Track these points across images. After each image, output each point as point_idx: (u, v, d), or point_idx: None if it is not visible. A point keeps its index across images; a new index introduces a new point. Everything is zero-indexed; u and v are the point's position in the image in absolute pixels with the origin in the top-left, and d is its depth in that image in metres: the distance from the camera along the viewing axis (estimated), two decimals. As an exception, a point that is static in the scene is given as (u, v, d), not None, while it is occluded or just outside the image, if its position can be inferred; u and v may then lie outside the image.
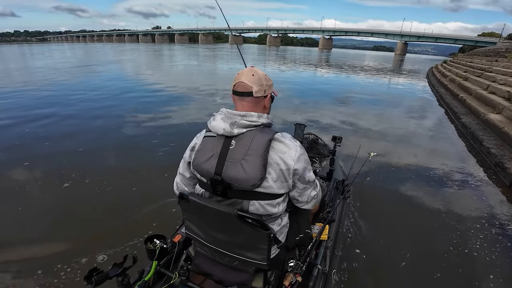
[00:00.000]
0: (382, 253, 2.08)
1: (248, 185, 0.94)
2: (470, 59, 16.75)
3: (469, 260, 2.06)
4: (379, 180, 3.22)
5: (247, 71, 1.02)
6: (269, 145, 0.95)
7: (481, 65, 11.56)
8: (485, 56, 14.28)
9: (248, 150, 0.94)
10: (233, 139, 0.97)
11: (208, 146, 1.00)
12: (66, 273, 1.79)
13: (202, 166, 1.00)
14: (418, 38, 79.10)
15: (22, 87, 8.48)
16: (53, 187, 2.86)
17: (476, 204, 2.82)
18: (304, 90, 10.05)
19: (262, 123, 0.99)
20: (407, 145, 4.58)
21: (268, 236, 0.94)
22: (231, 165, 0.95)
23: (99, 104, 6.60)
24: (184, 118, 5.54)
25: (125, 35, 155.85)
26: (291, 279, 1.08)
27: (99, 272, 0.98)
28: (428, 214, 2.61)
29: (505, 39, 50.57)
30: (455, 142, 4.84)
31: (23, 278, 1.78)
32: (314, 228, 1.45)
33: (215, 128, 0.99)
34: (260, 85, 1.01)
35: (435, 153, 4.21)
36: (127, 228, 2.24)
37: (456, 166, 3.72)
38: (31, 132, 4.47)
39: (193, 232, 1.10)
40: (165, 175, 3.01)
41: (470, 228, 2.41)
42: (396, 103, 8.45)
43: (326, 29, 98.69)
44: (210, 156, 0.98)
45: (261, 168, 0.93)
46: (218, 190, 0.99)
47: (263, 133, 0.97)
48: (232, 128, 0.96)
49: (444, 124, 6.03)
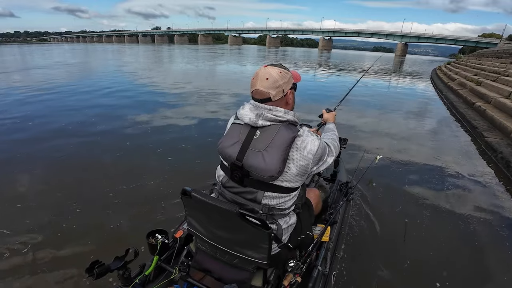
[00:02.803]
0: (384, 256, 2.06)
1: (265, 176, 0.95)
2: (478, 60, 15.65)
3: (483, 274, 1.95)
4: (384, 184, 3.11)
5: (261, 75, 1.01)
6: (292, 141, 0.97)
7: (494, 68, 10.45)
8: (496, 58, 13.15)
9: (271, 142, 0.96)
10: (258, 129, 0.99)
11: (234, 132, 1.03)
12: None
13: (226, 150, 1.02)
14: (418, 39, 78.50)
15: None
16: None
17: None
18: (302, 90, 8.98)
19: (287, 119, 1.00)
20: (417, 165, 3.73)
21: (269, 235, 0.93)
22: (253, 154, 0.97)
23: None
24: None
25: (125, 35, 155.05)
26: (291, 279, 1.08)
27: (101, 264, 0.99)
28: (434, 222, 2.53)
29: (506, 40, 50.20)
30: (482, 172, 3.71)
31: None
32: (316, 229, 1.41)
33: (242, 116, 1.02)
34: (276, 87, 1.00)
35: (461, 195, 3.10)
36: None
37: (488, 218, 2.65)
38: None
39: (194, 229, 1.10)
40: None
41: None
42: (399, 108, 7.60)
43: (326, 30, 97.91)
44: (234, 142, 1.01)
45: (281, 162, 0.94)
46: (236, 176, 1.01)
47: (288, 129, 0.98)
48: (257, 119, 0.98)
49: (463, 142, 4.89)
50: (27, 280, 1.77)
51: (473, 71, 11.92)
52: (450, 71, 15.32)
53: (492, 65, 11.43)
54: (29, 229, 2.19)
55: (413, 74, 20.23)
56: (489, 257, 2.14)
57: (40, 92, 7.69)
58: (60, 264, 1.87)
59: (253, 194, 1.01)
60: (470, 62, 16.10)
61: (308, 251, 1.21)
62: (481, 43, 59.21)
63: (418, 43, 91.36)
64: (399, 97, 9.81)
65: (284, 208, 1.05)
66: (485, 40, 62.09)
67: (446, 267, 1.98)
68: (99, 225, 2.26)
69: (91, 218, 2.34)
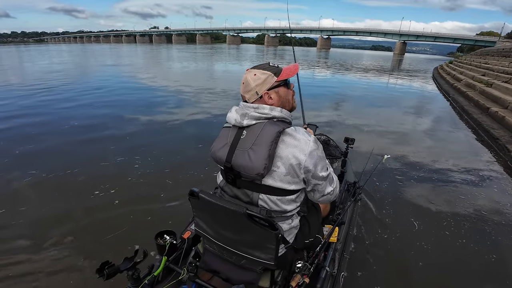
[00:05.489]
0: (393, 258, 2.06)
1: (252, 174, 0.94)
2: (483, 59, 15.03)
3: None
4: (393, 183, 3.14)
5: (243, 80, 1.03)
6: (278, 137, 0.94)
7: (503, 68, 9.82)
8: (503, 57, 12.51)
9: (256, 139, 0.95)
10: (245, 129, 0.99)
11: (223, 135, 1.05)
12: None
13: (216, 153, 1.03)
14: (417, 38, 78.24)
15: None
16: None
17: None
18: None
19: (274, 116, 0.99)
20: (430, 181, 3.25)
21: (276, 236, 0.92)
22: (240, 153, 0.97)
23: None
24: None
25: (123, 35, 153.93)
26: (299, 280, 1.07)
27: (111, 265, 1.00)
28: (445, 223, 2.49)
29: (505, 38, 50.18)
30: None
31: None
32: (324, 229, 1.41)
33: (229, 119, 1.04)
34: (249, 91, 1.02)
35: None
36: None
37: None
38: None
39: (202, 229, 1.11)
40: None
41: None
42: (401, 109, 6.97)
43: (324, 29, 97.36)
44: (224, 144, 1.02)
45: (266, 158, 0.92)
46: (229, 177, 1.03)
47: (273, 125, 0.97)
48: (242, 119, 0.98)
49: (481, 154, 4.24)
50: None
51: (480, 71, 11.28)
52: (454, 71, 14.69)
53: (501, 64, 10.78)
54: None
55: (413, 72, 19.56)
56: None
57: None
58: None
59: (249, 197, 1.01)
60: (475, 61, 15.46)
61: (315, 252, 1.21)
62: (480, 42, 59.13)
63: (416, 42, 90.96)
64: (400, 98, 9.16)
65: (283, 211, 1.03)
66: (484, 38, 62.01)
67: (456, 270, 1.99)
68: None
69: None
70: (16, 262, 1.92)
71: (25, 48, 53.70)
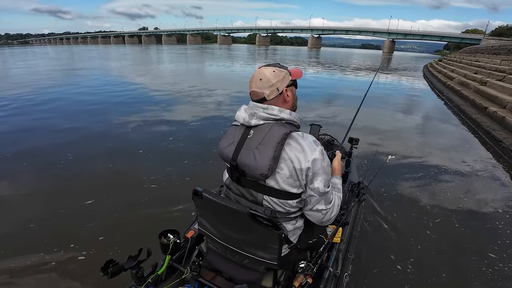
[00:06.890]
0: (397, 258, 2.02)
1: (257, 174, 0.94)
2: (473, 57, 15.11)
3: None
4: (397, 184, 3.11)
5: (256, 76, 1.01)
6: (285, 139, 0.94)
7: (495, 65, 9.77)
8: (493, 55, 12.56)
9: (262, 140, 0.95)
10: (252, 129, 0.99)
11: (231, 134, 1.05)
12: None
13: (223, 150, 1.04)
14: (405, 36, 79.31)
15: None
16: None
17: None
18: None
19: (282, 118, 0.99)
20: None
21: (279, 236, 0.92)
22: (246, 153, 0.97)
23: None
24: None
25: (111, 36, 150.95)
26: (301, 280, 1.06)
27: (115, 264, 1.00)
28: (453, 223, 2.46)
29: (489, 36, 51.50)
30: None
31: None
32: (327, 230, 1.39)
33: (237, 117, 1.04)
34: (270, 86, 0.99)
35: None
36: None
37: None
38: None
39: (205, 229, 1.11)
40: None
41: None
42: (389, 109, 6.74)
43: (315, 28, 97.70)
44: (231, 142, 1.02)
45: (271, 159, 0.92)
46: (234, 175, 1.03)
47: (280, 126, 0.97)
48: (250, 119, 0.98)
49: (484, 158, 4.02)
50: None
51: (472, 69, 11.26)
52: (444, 69, 14.71)
53: (492, 62, 10.76)
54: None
55: (404, 71, 19.58)
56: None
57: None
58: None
59: (253, 196, 1.01)
60: (465, 59, 15.53)
61: (319, 252, 1.19)
62: (466, 39, 60.49)
63: (403, 40, 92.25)
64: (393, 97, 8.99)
65: (288, 213, 1.02)
66: (470, 36, 63.55)
67: (467, 271, 1.95)
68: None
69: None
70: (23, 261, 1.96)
71: (9, 50, 51.73)
